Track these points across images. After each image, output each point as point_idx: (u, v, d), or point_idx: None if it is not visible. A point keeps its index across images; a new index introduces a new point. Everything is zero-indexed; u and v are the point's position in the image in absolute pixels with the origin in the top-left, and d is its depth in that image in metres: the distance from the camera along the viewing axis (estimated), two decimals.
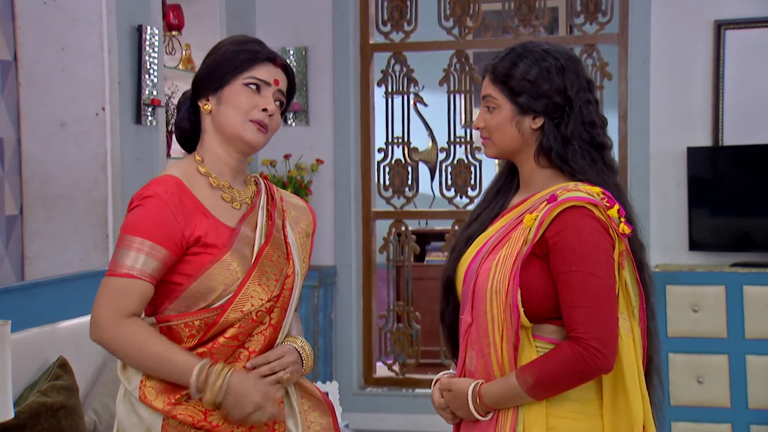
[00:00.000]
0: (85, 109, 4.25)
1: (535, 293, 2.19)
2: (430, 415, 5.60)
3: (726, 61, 5.26)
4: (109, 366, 3.29)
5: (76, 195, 4.26)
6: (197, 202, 2.29)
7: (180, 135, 2.44)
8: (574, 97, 2.28)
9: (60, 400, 2.90)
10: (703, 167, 5.26)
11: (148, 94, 4.48)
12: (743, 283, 4.87)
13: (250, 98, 2.32)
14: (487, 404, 2.23)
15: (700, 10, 5.32)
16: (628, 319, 2.23)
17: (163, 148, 4.71)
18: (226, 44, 2.38)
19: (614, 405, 2.21)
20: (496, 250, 2.25)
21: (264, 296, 2.29)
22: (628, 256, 2.23)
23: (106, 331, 2.20)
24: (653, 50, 5.39)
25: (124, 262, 2.21)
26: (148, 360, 2.20)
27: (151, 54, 4.50)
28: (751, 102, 5.25)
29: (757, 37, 5.23)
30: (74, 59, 4.24)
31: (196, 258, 2.25)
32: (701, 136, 5.32)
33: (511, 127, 2.30)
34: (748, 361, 4.82)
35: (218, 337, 2.26)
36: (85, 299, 3.45)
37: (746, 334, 4.84)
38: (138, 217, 2.24)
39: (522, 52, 2.31)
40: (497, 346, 2.21)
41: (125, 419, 2.26)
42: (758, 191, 5.14)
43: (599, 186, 2.24)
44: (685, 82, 5.35)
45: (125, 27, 4.38)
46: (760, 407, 4.82)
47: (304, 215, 2.50)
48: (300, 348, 2.38)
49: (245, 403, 2.20)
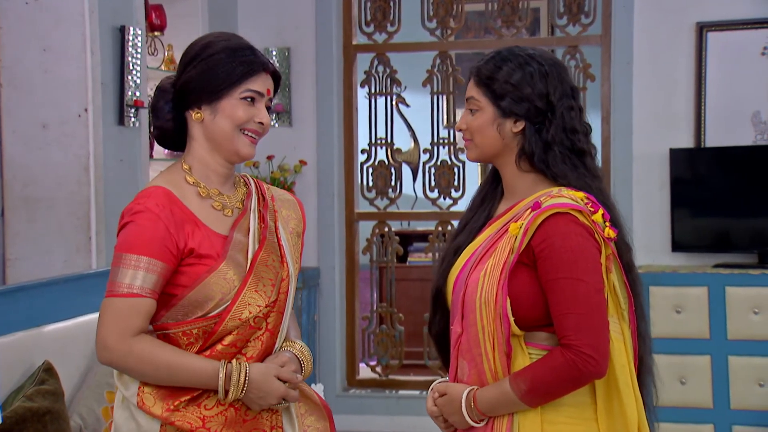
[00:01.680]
0: (67, 110, 4.22)
1: (525, 301, 2.19)
2: (414, 417, 5.64)
3: (708, 63, 5.29)
4: (94, 370, 3.27)
5: (58, 197, 4.23)
6: (188, 212, 2.27)
7: (160, 135, 2.39)
8: (557, 103, 2.28)
9: (46, 404, 2.88)
10: (685, 168, 5.28)
11: (131, 95, 4.45)
12: (726, 284, 4.89)
13: (246, 111, 2.29)
14: (481, 410, 2.22)
15: (683, 12, 5.34)
16: (618, 322, 2.23)
17: (146, 149, 4.68)
18: (219, 51, 2.30)
19: (608, 408, 2.21)
20: (484, 260, 2.25)
21: (261, 302, 2.28)
22: (614, 259, 2.23)
23: (116, 353, 2.17)
24: (636, 52, 5.41)
25: (122, 281, 2.18)
26: (163, 372, 2.19)
27: (134, 55, 4.47)
28: (733, 104, 5.27)
29: (738, 39, 5.26)
30: (57, 60, 4.22)
31: (191, 269, 2.23)
32: (684, 137, 5.34)
33: (492, 129, 2.30)
34: (731, 361, 4.84)
35: (216, 345, 2.25)
36: (71, 303, 3.44)
37: (728, 335, 4.86)
38: (131, 234, 2.21)
39: (507, 55, 2.31)
40: (489, 356, 2.21)
41: (123, 425, 2.25)
42: (739, 192, 5.17)
43: (583, 191, 2.24)
44: (668, 84, 5.37)
45: (108, 27, 4.35)
46: (742, 408, 4.84)
47: (294, 212, 2.48)
48: (299, 353, 2.37)
49: (269, 395, 2.25)
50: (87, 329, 3.36)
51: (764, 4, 5.22)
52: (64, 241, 4.23)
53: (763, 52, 5.23)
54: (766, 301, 4.83)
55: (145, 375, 2.20)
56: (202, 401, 2.23)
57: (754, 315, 4.84)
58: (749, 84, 5.25)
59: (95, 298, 3.53)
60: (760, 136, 5.25)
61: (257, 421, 2.29)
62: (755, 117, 5.26)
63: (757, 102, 5.25)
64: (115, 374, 2.28)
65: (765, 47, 5.22)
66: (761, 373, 4.81)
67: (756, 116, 5.25)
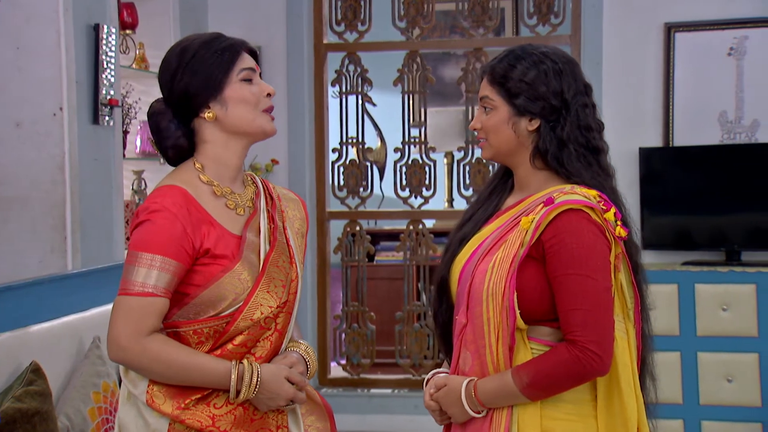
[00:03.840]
0: (42, 109, 4.17)
1: (531, 295, 2.20)
2: (386, 415, 5.65)
3: (676, 63, 5.36)
4: (80, 371, 3.24)
5: (32, 197, 4.17)
6: (204, 211, 2.27)
7: (175, 155, 2.36)
8: (571, 100, 2.29)
9: (35, 405, 2.85)
10: (654, 167, 5.34)
11: (105, 93, 4.41)
12: (695, 282, 4.95)
13: (250, 89, 2.31)
14: (481, 400, 2.23)
15: (651, 12, 5.40)
16: (623, 321, 2.24)
17: (120, 148, 4.64)
18: (197, 49, 2.29)
19: (609, 406, 2.23)
20: (492, 252, 2.26)
21: (273, 303, 2.28)
22: (624, 259, 2.24)
23: (129, 352, 2.16)
24: (605, 52, 5.46)
25: (136, 279, 2.16)
26: (175, 371, 2.18)
27: (108, 53, 4.43)
28: (700, 103, 5.34)
29: (705, 39, 5.33)
30: (30, 58, 4.16)
31: (205, 268, 2.23)
32: (653, 136, 5.41)
33: (507, 128, 2.31)
34: (700, 357, 4.91)
35: (227, 344, 2.25)
36: (56, 302, 3.41)
37: (698, 331, 4.92)
38: (147, 232, 2.19)
39: (520, 54, 2.32)
40: (492, 347, 2.22)
41: (130, 423, 2.24)
42: (707, 191, 5.24)
43: (596, 189, 2.25)
44: (637, 84, 5.43)
45: (82, 25, 4.30)
46: (711, 403, 4.91)
47: (298, 212, 2.49)
48: (304, 353, 2.38)
49: (279, 396, 2.26)
50: (72, 329, 3.34)
51: (731, 6, 5.30)
52: (39, 241, 4.17)
53: (729, 53, 5.31)
54: (734, 298, 4.91)
55: (156, 374, 2.20)
56: (212, 400, 2.23)
57: (722, 312, 4.91)
58: (716, 84, 5.32)
59: (79, 298, 3.53)
60: (726, 135, 5.33)
61: (264, 420, 2.29)
62: (722, 117, 5.33)
63: (723, 102, 5.32)
64: (122, 371, 2.27)
65: (732, 48, 5.30)
66: (730, 369, 4.88)
67: (723, 116, 5.33)
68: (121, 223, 4.61)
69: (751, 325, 4.88)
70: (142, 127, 5.18)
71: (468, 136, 5.75)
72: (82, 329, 3.38)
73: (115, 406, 3.28)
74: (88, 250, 4.27)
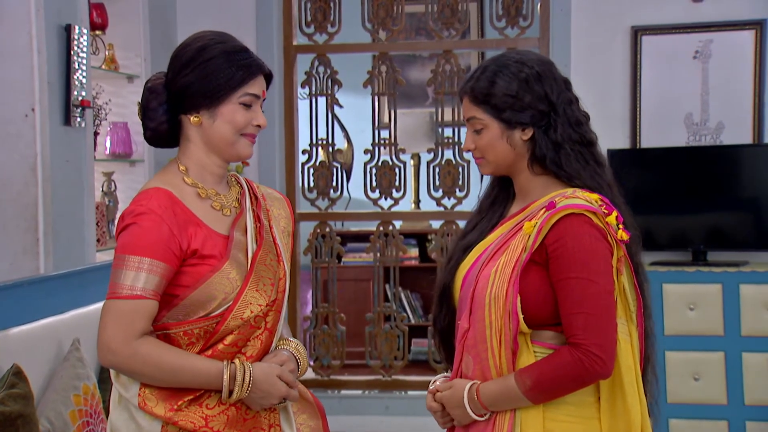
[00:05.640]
0: (13, 110, 4.13)
1: (534, 299, 2.21)
2: (356, 416, 5.66)
3: (643, 66, 5.42)
4: (60, 374, 3.22)
5: (4, 198, 4.13)
6: (189, 212, 2.27)
7: (153, 136, 2.37)
8: (557, 101, 2.31)
9: (17, 408, 2.83)
10: (623, 169, 5.38)
11: (76, 94, 4.38)
12: (663, 282, 5.01)
13: (245, 115, 2.30)
14: (484, 403, 2.25)
15: (618, 16, 5.46)
16: (626, 323, 2.25)
17: (91, 150, 4.61)
18: (216, 55, 2.28)
19: (612, 408, 2.24)
20: (496, 257, 2.27)
21: (262, 301, 2.29)
22: (626, 262, 2.26)
23: (119, 355, 2.16)
24: (573, 54, 5.50)
25: (124, 282, 2.16)
26: (167, 374, 2.18)
27: (80, 54, 4.40)
28: (667, 105, 5.41)
29: (672, 42, 5.40)
30: (2, 59, 4.12)
31: (194, 269, 2.23)
32: (621, 138, 5.46)
33: (502, 143, 2.32)
34: (667, 356, 4.96)
35: (218, 344, 2.25)
36: (35, 305, 3.38)
37: (665, 331, 4.98)
38: (134, 235, 2.19)
39: (497, 68, 2.32)
40: (495, 352, 2.23)
41: (122, 427, 2.23)
42: (674, 192, 5.30)
43: (597, 192, 2.27)
44: (605, 86, 5.48)
45: (53, 26, 4.27)
46: (677, 402, 4.96)
47: (283, 210, 2.50)
48: (295, 350, 2.39)
49: (271, 395, 2.27)
50: (52, 332, 3.32)
51: (697, 10, 5.37)
52: (10, 242, 4.13)
53: (695, 56, 5.38)
54: (701, 298, 4.97)
55: (148, 377, 2.19)
56: (204, 401, 2.23)
57: (689, 311, 4.97)
58: (682, 87, 5.39)
59: (58, 301, 3.50)
60: (692, 137, 5.40)
61: (256, 419, 2.30)
62: (688, 119, 5.41)
63: (689, 104, 5.39)
64: (112, 375, 2.27)
65: (697, 51, 5.38)
66: (696, 367, 4.95)
67: (689, 118, 5.40)
68: (92, 225, 4.58)
69: (717, 325, 4.95)
70: (112, 128, 5.16)
71: (437, 137, 5.77)
72: (62, 331, 3.36)
73: (95, 409, 3.27)
74: (60, 251, 4.24)
